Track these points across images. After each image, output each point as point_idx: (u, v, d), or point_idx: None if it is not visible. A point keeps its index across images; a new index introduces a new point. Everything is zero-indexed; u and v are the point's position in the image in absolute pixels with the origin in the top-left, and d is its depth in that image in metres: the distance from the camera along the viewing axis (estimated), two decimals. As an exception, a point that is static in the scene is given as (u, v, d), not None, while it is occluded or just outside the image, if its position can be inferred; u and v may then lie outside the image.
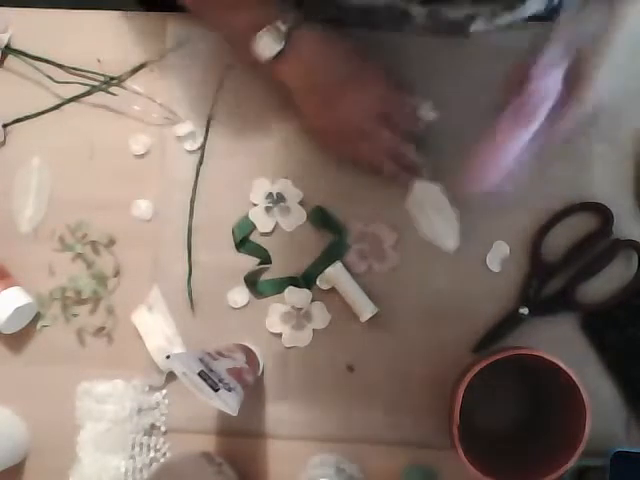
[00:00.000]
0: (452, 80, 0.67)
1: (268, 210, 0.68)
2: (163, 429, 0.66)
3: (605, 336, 0.64)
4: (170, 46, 0.70)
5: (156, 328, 0.67)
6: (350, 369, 0.66)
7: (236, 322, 0.67)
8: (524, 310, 0.65)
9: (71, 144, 0.70)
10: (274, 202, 0.68)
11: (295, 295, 0.66)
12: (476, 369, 0.55)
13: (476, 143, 0.55)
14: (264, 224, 0.68)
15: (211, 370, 0.53)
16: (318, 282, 0.66)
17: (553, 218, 0.66)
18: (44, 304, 0.68)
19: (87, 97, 0.70)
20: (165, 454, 0.66)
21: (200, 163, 0.69)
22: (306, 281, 0.67)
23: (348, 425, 0.65)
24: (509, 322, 0.65)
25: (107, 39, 0.71)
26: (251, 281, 0.67)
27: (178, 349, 0.67)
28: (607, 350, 0.64)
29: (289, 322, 0.66)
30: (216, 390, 0.52)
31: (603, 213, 0.65)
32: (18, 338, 0.68)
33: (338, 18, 0.64)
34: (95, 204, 0.69)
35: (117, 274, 0.69)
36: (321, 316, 0.66)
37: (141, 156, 0.69)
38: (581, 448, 0.54)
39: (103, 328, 0.68)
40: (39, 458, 0.67)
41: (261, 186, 0.68)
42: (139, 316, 0.67)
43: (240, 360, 0.59)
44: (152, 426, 0.66)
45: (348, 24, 0.65)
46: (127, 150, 0.69)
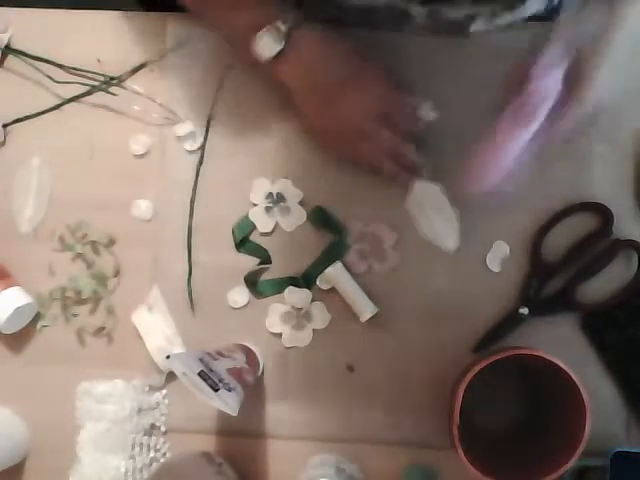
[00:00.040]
0: (452, 80, 0.67)
1: (268, 210, 0.68)
2: (163, 429, 0.66)
3: (605, 336, 0.64)
4: (170, 46, 0.70)
5: (156, 328, 0.67)
6: (350, 369, 0.66)
7: (236, 322, 0.67)
8: (524, 310, 0.65)
9: (71, 144, 0.70)
10: (274, 202, 0.68)
11: (295, 295, 0.66)
12: (476, 369, 0.55)
13: (476, 143, 0.55)
14: (264, 224, 0.68)
15: (211, 370, 0.53)
16: (318, 282, 0.66)
17: (553, 218, 0.66)
18: (44, 304, 0.68)
19: (87, 97, 0.70)
20: (165, 454, 0.66)
21: (200, 163, 0.69)
22: (306, 281, 0.67)
23: (348, 425, 0.65)
24: (509, 322, 0.65)
25: (107, 39, 0.71)
26: (251, 281, 0.67)
27: (178, 349, 0.67)
28: (607, 350, 0.64)
29: (289, 322, 0.66)
30: (216, 390, 0.52)
31: (603, 213, 0.65)
32: (18, 338, 0.68)
33: (338, 18, 0.64)
34: (95, 204, 0.69)
35: (117, 274, 0.69)
36: (321, 316, 0.66)
37: (141, 156, 0.69)
38: (581, 448, 0.54)
39: (103, 328, 0.68)
40: (39, 458, 0.67)
41: (261, 186, 0.68)
42: (139, 316, 0.67)
43: (240, 360, 0.59)
44: (152, 426, 0.66)
45: (348, 24, 0.65)
46: (127, 150, 0.69)
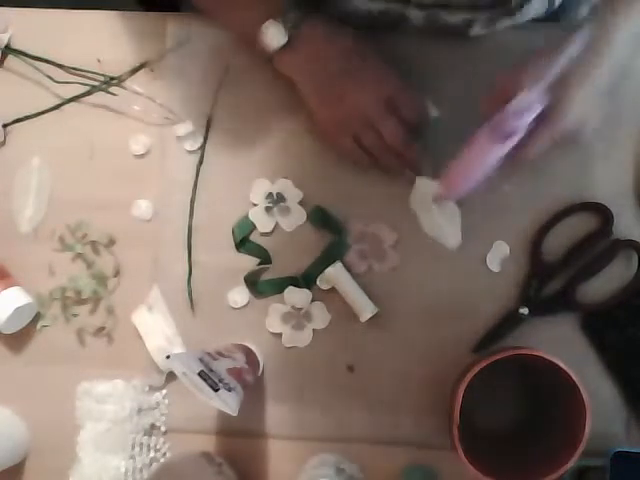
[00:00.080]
0: (452, 80, 0.67)
1: (268, 210, 0.68)
2: (163, 429, 0.66)
3: (605, 336, 0.64)
4: (170, 46, 0.70)
5: (156, 328, 0.67)
6: (350, 369, 0.66)
7: (236, 322, 0.67)
8: (524, 310, 0.65)
9: (71, 144, 0.70)
10: (274, 202, 0.68)
11: (295, 295, 0.66)
12: (476, 369, 0.55)
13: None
14: (264, 224, 0.68)
15: (211, 370, 0.53)
16: (318, 282, 0.66)
17: (553, 218, 0.66)
18: (44, 304, 0.68)
19: (87, 97, 0.70)
20: (165, 454, 0.66)
21: (200, 163, 0.69)
22: (306, 281, 0.67)
23: (348, 425, 0.65)
24: (509, 322, 0.65)
25: (107, 39, 0.71)
26: (251, 281, 0.67)
27: (178, 349, 0.67)
28: (607, 350, 0.64)
29: (289, 322, 0.66)
30: (216, 390, 0.52)
31: (603, 213, 0.65)
32: (18, 338, 0.68)
33: (338, 19, 0.64)
34: (95, 204, 0.69)
35: (117, 274, 0.69)
36: (321, 316, 0.66)
37: (141, 156, 0.69)
38: (581, 448, 0.54)
39: (103, 328, 0.68)
40: (39, 458, 0.67)
41: (261, 186, 0.68)
42: (139, 316, 0.67)
43: (240, 360, 0.59)
44: (152, 426, 0.66)
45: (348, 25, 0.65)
46: (127, 150, 0.69)
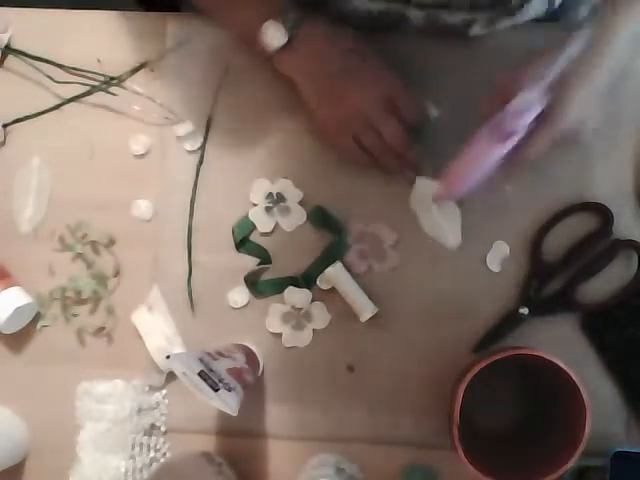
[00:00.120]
0: (452, 80, 0.67)
1: (268, 210, 0.68)
2: (163, 429, 0.66)
3: (605, 336, 0.64)
4: (170, 46, 0.70)
5: (156, 328, 0.67)
6: (350, 369, 0.66)
7: (236, 322, 0.67)
8: (524, 310, 0.65)
9: (71, 144, 0.70)
10: (274, 202, 0.67)
11: (295, 295, 0.66)
12: (476, 369, 0.55)
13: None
14: (264, 224, 0.67)
15: (211, 370, 0.53)
16: (318, 282, 0.66)
17: (553, 218, 0.66)
18: (44, 304, 0.68)
19: (87, 97, 0.70)
20: (165, 454, 0.66)
21: (200, 163, 0.69)
22: (306, 281, 0.67)
23: (348, 425, 0.65)
24: (509, 322, 0.65)
25: (107, 39, 0.71)
26: (251, 281, 0.67)
27: (178, 349, 0.67)
28: (607, 350, 0.64)
29: (289, 322, 0.66)
30: (216, 390, 0.52)
31: (603, 213, 0.65)
32: (18, 338, 0.68)
33: (338, 19, 0.64)
34: (95, 204, 0.69)
35: (117, 274, 0.69)
36: (321, 316, 0.66)
37: (141, 156, 0.69)
38: (581, 448, 0.54)
39: (103, 328, 0.68)
40: (39, 458, 0.67)
41: (261, 186, 0.68)
42: (139, 316, 0.67)
43: (240, 360, 0.59)
44: (152, 426, 0.66)
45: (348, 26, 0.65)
46: (127, 150, 0.69)
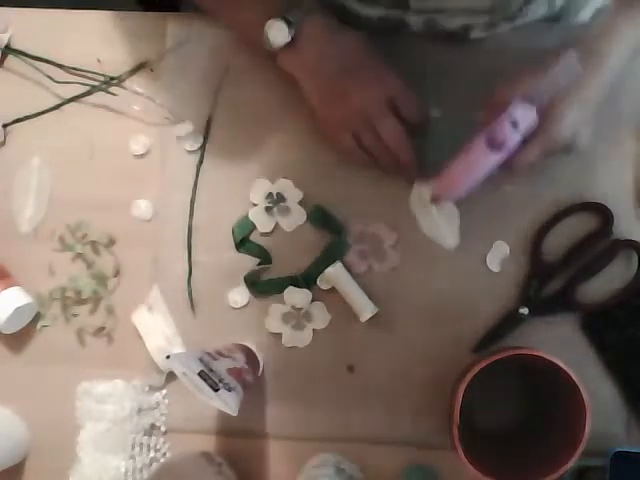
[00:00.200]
0: (452, 80, 0.67)
1: (268, 210, 0.68)
2: (163, 429, 0.66)
3: (605, 336, 0.64)
4: (170, 46, 0.70)
5: (156, 328, 0.67)
6: (350, 369, 0.66)
7: (236, 322, 0.67)
8: (524, 310, 0.65)
9: (71, 144, 0.70)
10: (274, 202, 0.67)
11: (295, 295, 0.66)
12: (476, 369, 0.55)
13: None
14: (264, 224, 0.68)
15: (211, 370, 0.53)
16: (318, 282, 0.66)
17: (553, 218, 0.66)
18: (44, 304, 0.68)
19: (87, 97, 0.70)
20: (165, 454, 0.66)
21: (200, 163, 0.69)
22: (306, 281, 0.67)
23: (348, 425, 0.65)
24: (509, 322, 0.65)
25: (107, 39, 0.71)
26: (251, 281, 0.67)
27: (178, 349, 0.67)
28: (607, 350, 0.64)
29: (289, 322, 0.66)
30: (216, 390, 0.52)
31: (603, 213, 0.65)
32: (18, 338, 0.68)
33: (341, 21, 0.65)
34: (95, 204, 0.69)
35: (117, 274, 0.69)
36: (321, 316, 0.66)
37: (141, 156, 0.69)
38: (581, 448, 0.54)
39: (103, 328, 0.68)
40: (39, 458, 0.67)
41: (261, 186, 0.68)
42: (139, 316, 0.67)
43: (240, 360, 0.59)
44: (152, 426, 0.66)
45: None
46: (127, 150, 0.69)
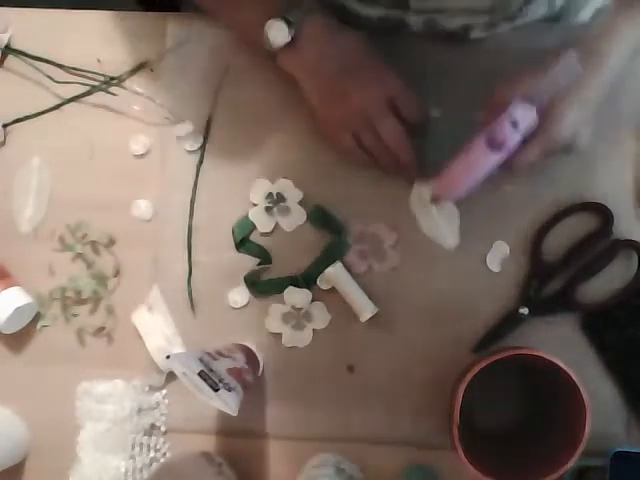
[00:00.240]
0: (452, 80, 0.67)
1: (268, 210, 0.68)
2: (163, 429, 0.66)
3: (605, 336, 0.64)
4: (170, 46, 0.70)
5: (156, 328, 0.67)
6: (350, 369, 0.66)
7: (236, 322, 0.67)
8: (524, 310, 0.65)
9: (71, 144, 0.70)
10: (274, 202, 0.67)
11: (295, 295, 0.66)
12: (476, 369, 0.55)
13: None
14: (264, 224, 0.67)
15: (211, 370, 0.53)
16: (318, 282, 0.66)
17: (553, 218, 0.66)
18: (44, 304, 0.68)
19: (87, 97, 0.70)
20: (165, 454, 0.66)
21: (200, 163, 0.69)
22: (306, 281, 0.66)
23: (348, 425, 0.65)
24: (509, 322, 0.65)
25: (107, 39, 0.71)
26: (251, 281, 0.67)
27: (178, 349, 0.67)
28: (607, 350, 0.64)
29: (289, 322, 0.66)
30: (216, 390, 0.52)
31: (603, 213, 0.65)
32: (18, 338, 0.68)
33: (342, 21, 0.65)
34: (95, 204, 0.69)
35: (117, 274, 0.69)
36: (321, 316, 0.66)
37: (141, 156, 0.69)
38: (581, 448, 0.54)
39: (103, 328, 0.68)
40: (39, 458, 0.67)
41: (261, 186, 0.68)
42: (139, 316, 0.67)
43: (240, 360, 0.59)
44: (152, 426, 0.66)
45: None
46: (127, 150, 0.69)
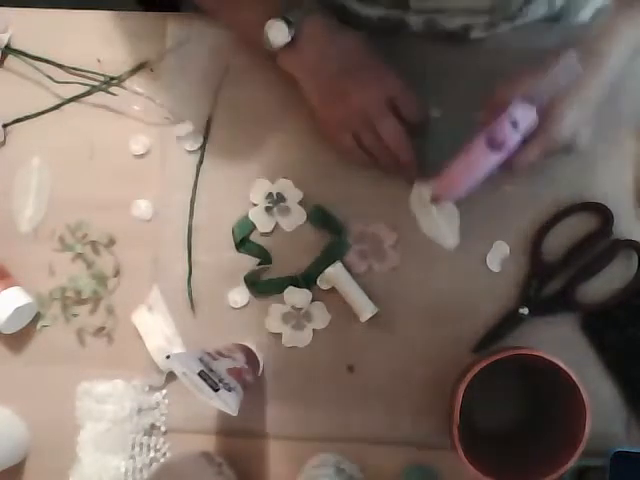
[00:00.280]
0: (452, 80, 0.67)
1: (268, 210, 0.68)
2: (163, 429, 0.66)
3: (605, 336, 0.64)
4: (170, 46, 0.70)
5: (156, 328, 0.67)
6: (350, 369, 0.66)
7: (236, 322, 0.67)
8: (524, 310, 0.65)
9: (71, 144, 0.70)
10: (274, 202, 0.67)
11: (295, 295, 0.66)
12: (476, 369, 0.55)
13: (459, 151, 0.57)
14: (264, 224, 0.67)
15: (211, 370, 0.53)
16: (318, 282, 0.66)
17: (553, 218, 0.66)
18: (44, 304, 0.68)
19: (87, 97, 0.70)
20: (165, 454, 0.66)
21: (200, 163, 0.69)
22: (306, 281, 0.66)
23: (348, 425, 0.65)
24: (509, 322, 0.65)
25: (107, 39, 0.71)
26: (251, 281, 0.67)
27: (178, 349, 0.67)
28: (607, 350, 0.64)
29: (289, 322, 0.66)
30: (216, 390, 0.52)
31: (603, 213, 0.65)
32: (18, 338, 0.68)
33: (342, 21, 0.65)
34: (95, 204, 0.69)
35: (117, 274, 0.69)
36: (321, 316, 0.66)
37: (141, 156, 0.69)
38: (581, 448, 0.54)
39: (103, 328, 0.68)
40: (39, 458, 0.67)
41: (261, 186, 0.68)
42: (139, 316, 0.67)
43: (240, 360, 0.59)
44: (152, 426, 0.66)
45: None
46: (127, 150, 0.69)
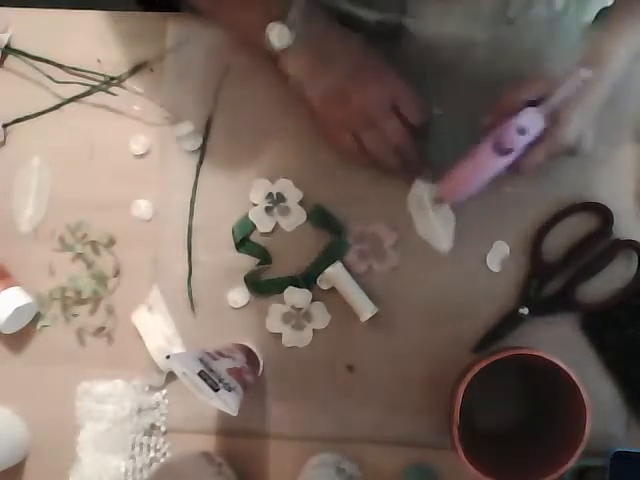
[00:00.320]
0: (452, 80, 0.67)
1: (268, 210, 0.68)
2: (163, 429, 0.66)
3: (605, 336, 0.64)
4: (170, 46, 0.70)
5: (156, 328, 0.67)
6: (350, 369, 0.66)
7: (236, 322, 0.67)
8: (524, 310, 0.65)
9: (71, 144, 0.70)
10: (274, 202, 0.67)
11: (295, 295, 0.66)
12: (476, 369, 0.55)
13: (468, 150, 0.57)
14: (264, 224, 0.67)
15: (211, 370, 0.53)
16: (318, 282, 0.66)
17: (553, 218, 0.66)
18: (44, 304, 0.68)
19: (87, 97, 0.70)
20: (165, 454, 0.66)
21: (200, 163, 0.69)
22: (306, 281, 0.67)
23: (348, 425, 0.65)
24: (509, 322, 0.65)
25: (107, 39, 0.71)
26: (251, 281, 0.67)
27: (178, 349, 0.67)
28: (607, 350, 0.64)
29: (289, 322, 0.66)
30: (216, 390, 0.52)
31: (603, 213, 0.65)
32: (18, 338, 0.68)
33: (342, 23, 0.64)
34: (95, 204, 0.69)
35: (117, 274, 0.69)
36: (321, 316, 0.66)
37: (141, 156, 0.69)
38: (581, 448, 0.54)
39: (103, 328, 0.68)
40: (39, 458, 0.67)
41: (261, 186, 0.68)
42: (139, 316, 0.67)
43: (240, 360, 0.59)
44: (152, 426, 0.66)
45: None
46: (127, 150, 0.69)
